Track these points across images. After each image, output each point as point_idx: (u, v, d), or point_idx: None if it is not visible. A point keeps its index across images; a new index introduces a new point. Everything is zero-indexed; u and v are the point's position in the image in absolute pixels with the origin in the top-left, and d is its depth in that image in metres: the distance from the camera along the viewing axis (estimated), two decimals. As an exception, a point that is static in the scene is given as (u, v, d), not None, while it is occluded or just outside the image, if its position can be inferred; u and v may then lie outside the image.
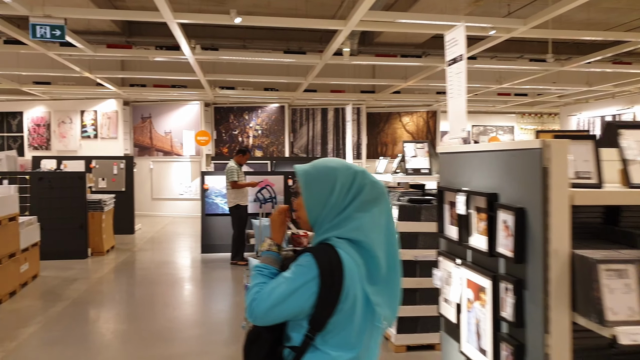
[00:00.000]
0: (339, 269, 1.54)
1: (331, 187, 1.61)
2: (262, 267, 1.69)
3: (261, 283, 1.63)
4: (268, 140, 13.73)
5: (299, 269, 1.56)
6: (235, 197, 7.49)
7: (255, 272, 1.69)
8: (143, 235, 10.18)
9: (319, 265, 1.53)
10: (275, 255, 1.72)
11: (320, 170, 1.65)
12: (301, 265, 1.56)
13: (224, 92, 11.77)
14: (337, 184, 1.61)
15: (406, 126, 14.37)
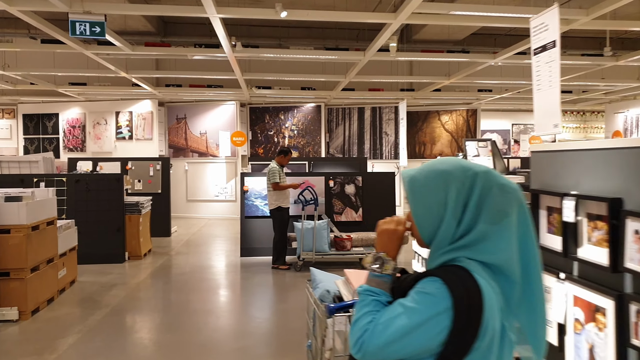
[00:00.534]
0: (478, 299, 1.16)
1: (444, 196, 1.25)
2: (373, 292, 1.31)
3: (372, 312, 1.26)
4: (304, 141, 13.39)
5: (426, 298, 1.18)
6: (277, 199, 7.15)
7: (364, 298, 1.32)
8: (179, 238, 9.97)
9: (453, 294, 1.16)
10: (386, 277, 1.34)
11: (429, 174, 1.29)
12: (428, 293, 1.19)
13: (261, 91, 11.48)
14: (452, 191, 1.25)
15: (445, 125, 13.81)
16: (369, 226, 8.04)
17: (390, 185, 8.27)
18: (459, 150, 13.62)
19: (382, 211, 8.41)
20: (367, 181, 8.20)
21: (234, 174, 12.89)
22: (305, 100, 13.25)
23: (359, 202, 8.15)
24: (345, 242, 7.16)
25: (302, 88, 11.77)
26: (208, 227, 11.51)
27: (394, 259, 1.36)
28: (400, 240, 1.38)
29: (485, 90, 12.23)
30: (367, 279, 1.35)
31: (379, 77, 10.53)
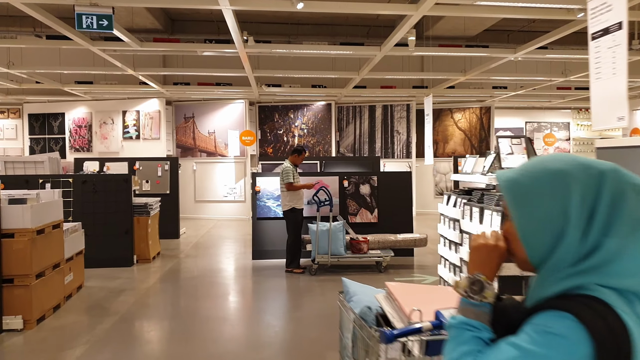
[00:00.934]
0: (626, 344, 0.87)
1: (564, 204, 0.96)
2: (471, 326, 1.03)
3: (473, 352, 0.98)
4: (314, 140, 13.11)
5: (554, 341, 0.89)
6: (291, 199, 6.87)
7: (460, 333, 1.03)
8: (188, 239, 9.71)
9: (594, 337, 0.87)
10: (487, 307, 1.06)
11: (539, 176, 1.00)
12: (557, 334, 0.89)
13: (271, 89, 11.21)
14: (574, 197, 0.96)
15: (458, 123, 13.49)
16: (385, 228, 7.76)
17: (406, 185, 7.98)
18: (473, 149, 13.30)
19: (398, 212, 8.15)
20: (382, 181, 7.91)
21: (243, 174, 12.63)
22: (315, 99, 12.97)
23: (375, 203, 7.86)
24: (362, 245, 6.87)
25: (312, 86, 11.50)
26: (217, 228, 11.26)
27: (492, 280, 1.08)
28: (502, 259, 1.09)
29: (500, 87, 11.90)
30: (461, 308, 1.06)
31: (393, 74, 10.21)
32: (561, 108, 14.85)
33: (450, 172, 13.55)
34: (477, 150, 13.34)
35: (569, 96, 12.87)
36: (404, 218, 7.86)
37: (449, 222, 4.58)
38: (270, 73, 9.54)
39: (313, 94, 11.97)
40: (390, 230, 7.71)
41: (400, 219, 7.85)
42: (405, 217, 7.88)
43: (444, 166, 13.53)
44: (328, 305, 5.45)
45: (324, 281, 6.46)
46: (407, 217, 7.89)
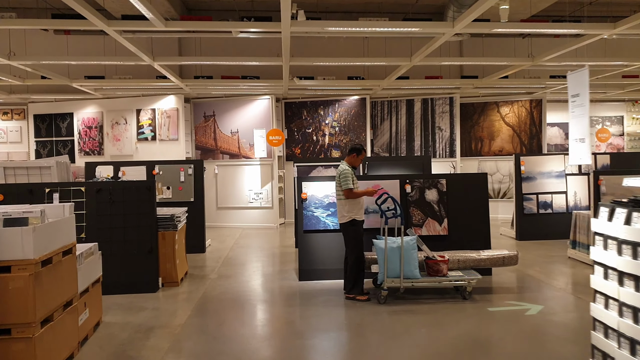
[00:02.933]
0: None
1: None
2: None
3: None
4: (346, 139, 11.85)
5: None
6: (350, 209, 5.62)
7: None
8: (216, 254, 8.48)
9: None
10: None
11: None
12: None
13: (302, 82, 9.97)
14: None
15: (505, 117, 12.19)
16: (457, 241, 6.50)
17: (481, 189, 6.70)
18: (523, 146, 12.00)
19: (472, 222, 6.85)
20: (452, 185, 6.64)
21: (270, 177, 11.39)
22: (349, 93, 11.71)
23: (444, 211, 6.59)
24: (441, 266, 5.60)
25: (349, 77, 10.24)
26: (244, 238, 10.02)
27: None
28: None
29: (558, 77, 10.58)
30: None
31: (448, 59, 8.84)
32: (614, 100, 13.51)
33: (497, 172, 12.27)
34: (527, 148, 12.04)
35: (631, 86, 11.54)
36: (479, 229, 6.58)
37: (617, 245, 3.20)
38: (308, 61, 8.27)
39: (349, 86, 10.71)
40: (463, 245, 6.44)
41: (475, 230, 6.58)
42: (481, 227, 6.60)
43: (490, 166, 12.23)
44: (417, 351, 4.18)
45: (399, 313, 5.19)
46: (483, 228, 6.61)
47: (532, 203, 9.21)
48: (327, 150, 11.84)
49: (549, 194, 9.23)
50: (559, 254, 7.94)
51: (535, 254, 8.01)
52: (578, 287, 6.07)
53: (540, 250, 8.29)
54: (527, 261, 7.41)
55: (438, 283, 5.55)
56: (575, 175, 9.29)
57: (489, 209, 6.69)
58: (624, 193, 6.94)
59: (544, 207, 9.21)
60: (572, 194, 9.26)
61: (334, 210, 6.55)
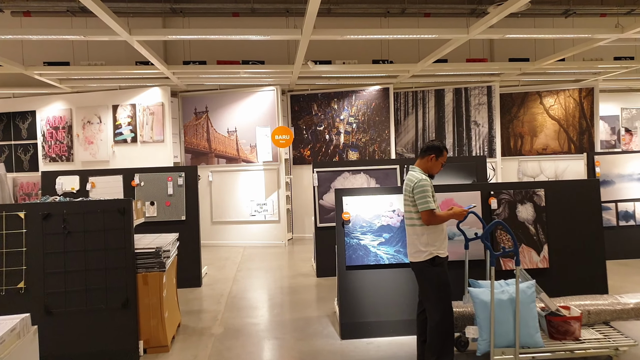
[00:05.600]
0: None
1: None
2: None
3: None
4: (366, 137, 9.94)
5: None
6: (430, 240, 3.71)
7: None
8: (215, 287, 6.50)
9: None
10: None
11: None
12: None
13: (318, 68, 8.04)
14: None
15: (550, 110, 10.38)
16: (562, 277, 4.62)
17: (592, 200, 4.82)
18: (571, 143, 10.21)
19: (581, 248, 4.92)
20: (552, 197, 4.76)
21: (276, 185, 9.43)
22: (368, 82, 9.79)
23: (543, 235, 4.71)
24: (572, 325, 3.71)
25: (373, 61, 8.34)
26: (248, 261, 8.03)
27: None
28: None
29: (622, 58, 8.81)
30: None
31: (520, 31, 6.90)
32: (665, 89, 11.81)
33: (541, 174, 10.46)
34: (577, 145, 10.25)
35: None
36: (591, 258, 4.71)
37: None
38: (335, 34, 6.32)
39: (374, 72, 8.78)
40: (571, 282, 4.58)
41: (586, 260, 4.71)
42: (593, 256, 4.72)
43: (532, 167, 10.42)
44: None
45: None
46: (597, 257, 4.73)
47: (610, 213, 7.39)
48: (343, 152, 9.92)
49: (631, 202, 7.42)
50: (665, 281, 6.12)
51: (632, 281, 6.17)
52: None
53: (633, 275, 6.46)
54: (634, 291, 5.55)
55: (570, 353, 3.65)
56: (661, 177, 7.50)
57: (602, 230, 4.81)
58: None
59: (625, 218, 7.39)
60: (659, 200, 7.47)
61: (389, 237, 4.62)
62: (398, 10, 8.25)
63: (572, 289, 4.59)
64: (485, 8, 7.83)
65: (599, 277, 4.68)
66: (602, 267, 4.73)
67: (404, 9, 8.14)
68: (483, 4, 8.15)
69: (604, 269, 4.72)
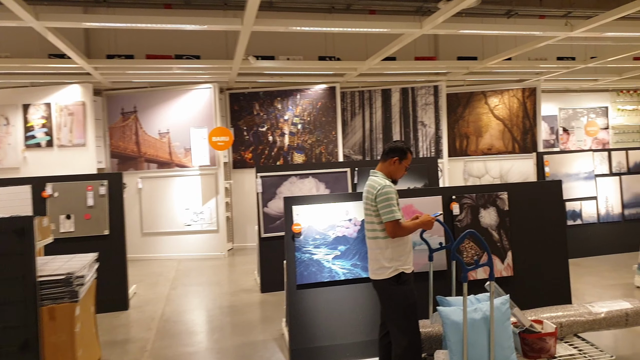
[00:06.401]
0: None
1: None
2: None
3: None
4: (312, 139, 9.41)
5: None
6: (395, 254, 3.25)
7: None
8: (145, 310, 5.70)
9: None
10: None
11: None
12: None
13: (260, 64, 7.42)
14: None
15: (494, 110, 10.35)
16: (527, 286, 4.32)
17: (555, 205, 4.54)
18: (515, 143, 10.21)
19: (545, 254, 4.64)
20: (515, 200, 4.43)
21: (214, 191, 8.69)
22: (313, 80, 9.27)
23: (506, 241, 4.37)
24: (547, 342, 3.34)
25: (320, 58, 7.83)
26: (184, 277, 7.25)
27: None
28: None
29: (566, 58, 8.87)
30: None
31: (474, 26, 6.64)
32: (598, 90, 12.18)
33: (486, 174, 10.40)
34: (521, 145, 10.27)
35: (633, 70, 10.12)
36: (555, 264, 4.44)
37: None
38: (281, 24, 5.73)
39: (319, 69, 8.26)
40: (537, 290, 4.29)
41: (550, 266, 4.43)
42: (557, 261, 4.45)
43: (478, 167, 10.34)
44: None
45: None
46: (560, 263, 4.46)
47: (559, 213, 7.29)
48: (288, 154, 9.33)
49: (578, 201, 7.38)
50: (617, 281, 6.03)
51: (585, 282, 6.04)
52: None
53: (585, 275, 6.35)
54: (590, 295, 5.39)
55: (550, 374, 3.28)
56: (606, 176, 7.52)
57: (565, 233, 4.54)
58: None
59: (573, 217, 7.33)
60: (603, 199, 7.48)
61: (345, 250, 4.10)
62: (343, 7, 7.81)
63: (538, 296, 4.28)
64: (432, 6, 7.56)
65: (563, 282, 4.42)
66: (566, 271, 4.46)
67: (349, 5, 7.70)
68: (429, 2, 7.90)
69: (567, 273, 4.46)
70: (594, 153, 7.51)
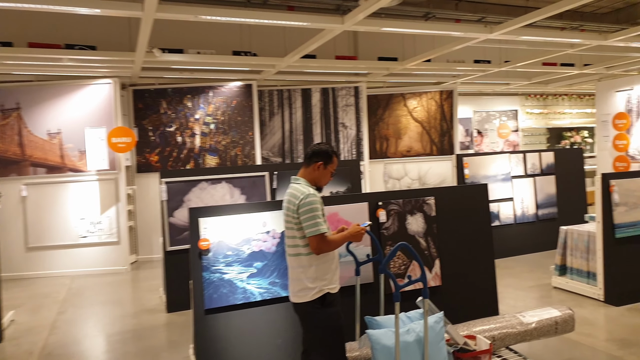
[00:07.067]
0: None
1: None
2: None
3: None
4: (227, 140, 8.75)
5: None
6: (320, 271, 2.81)
7: None
8: (22, 341, 4.77)
9: None
10: None
11: None
12: None
13: (167, 57, 6.67)
14: None
15: (413, 112, 10.33)
16: (456, 295, 4.08)
17: (480, 206, 4.34)
18: (434, 145, 10.27)
19: (472, 258, 4.35)
20: (442, 205, 4.17)
21: (115, 199, 7.76)
22: (229, 77, 8.62)
23: (434, 248, 4.09)
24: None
25: (234, 52, 7.23)
26: (77, 297, 6.30)
27: None
28: None
29: (482, 62, 9.00)
30: None
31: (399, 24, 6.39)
32: (509, 94, 12.68)
33: (405, 176, 10.34)
34: (438, 147, 10.34)
35: (541, 75, 10.56)
36: (483, 271, 4.24)
37: None
38: (189, 12, 5.06)
39: (235, 66, 7.64)
40: (466, 299, 4.06)
41: (479, 273, 4.22)
42: (485, 268, 4.25)
43: (397, 169, 10.26)
44: None
45: None
46: (487, 268, 4.27)
47: (478, 216, 7.28)
48: (200, 157, 8.60)
49: (496, 202, 7.42)
50: (535, 282, 6.05)
51: (505, 284, 6.00)
52: None
53: (505, 277, 6.33)
54: (512, 298, 5.31)
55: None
56: (521, 177, 7.64)
57: (492, 237, 4.36)
58: (636, 202, 5.22)
59: (491, 218, 7.34)
60: (519, 200, 7.59)
61: (262, 266, 3.58)
62: (260, 1, 7.28)
63: (467, 306, 4.05)
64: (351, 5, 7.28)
65: (490, 289, 4.23)
66: (493, 278, 4.28)
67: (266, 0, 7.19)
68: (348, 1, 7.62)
69: (494, 280, 4.28)
70: (510, 155, 7.61)
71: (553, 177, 7.74)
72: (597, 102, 10.54)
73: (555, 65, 9.43)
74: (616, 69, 9.82)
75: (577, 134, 13.40)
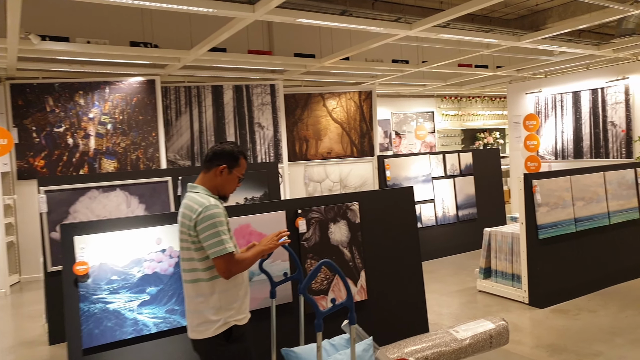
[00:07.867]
0: None
1: None
2: None
3: None
4: (127, 141, 7.82)
5: None
6: (225, 300, 2.25)
7: None
8: None
9: None
10: None
11: None
12: None
13: (47, 46, 5.71)
14: None
15: (333, 113, 10.00)
16: (383, 308, 3.71)
17: (406, 211, 3.99)
18: (354, 146, 10.02)
19: (399, 267, 3.95)
20: (367, 211, 3.76)
21: (-8, 211, 6.59)
22: (128, 71, 7.71)
23: (359, 259, 3.67)
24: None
25: (132, 43, 6.40)
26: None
27: None
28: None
29: (401, 61, 8.85)
30: None
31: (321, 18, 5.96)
32: (425, 96, 12.79)
33: (326, 178, 9.98)
34: (359, 148, 10.10)
35: (457, 77, 10.69)
36: (410, 281, 3.89)
37: None
38: None
39: (133, 59, 6.77)
40: (393, 313, 3.70)
41: (406, 284, 3.87)
42: (411, 276, 3.91)
43: (318, 171, 9.88)
44: None
45: None
46: (415, 276, 3.93)
47: (400, 218, 7.05)
48: (95, 160, 7.61)
49: (418, 204, 7.24)
50: (460, 286, 5.88)
51: (430, 290, 5.77)
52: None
53: (431, 282, 6.11)
54: (437, 305, 5.07)
55: None
56: (441, 179, 7.53)
57: (419, 243, 4.03)
58: (557, 202, 5.18)
59: (413, 222, 7.16)
60: (440, 202, 7.48)
61: (157, 292, 2.93)
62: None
63: (394, 320, 3.68)
64: None
65: (418, 298, 3.90)
66: (421, 285, 3.95)
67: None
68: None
69: (422, 286, 3.96)
70: (431, 156, 7.47)
71: (472, 178, 7.73)
72: (508, 104, 10.85)
73: (470, 66, 9.54)
74: (526, 71, 10.15)
75: (489, 135, 13.86)
